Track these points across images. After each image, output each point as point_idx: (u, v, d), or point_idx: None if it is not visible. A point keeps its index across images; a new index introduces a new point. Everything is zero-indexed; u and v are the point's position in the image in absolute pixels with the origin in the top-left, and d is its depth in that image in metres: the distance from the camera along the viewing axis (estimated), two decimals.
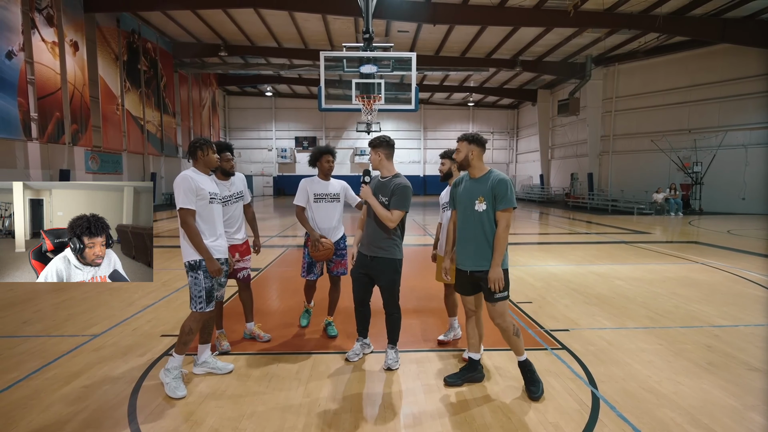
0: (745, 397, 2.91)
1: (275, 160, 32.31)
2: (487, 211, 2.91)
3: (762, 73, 16.33)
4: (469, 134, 3.04)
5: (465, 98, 30.83)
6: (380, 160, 3.35)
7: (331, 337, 4.02)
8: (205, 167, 3.16)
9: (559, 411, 2.75)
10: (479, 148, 3.01)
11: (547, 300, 5.20)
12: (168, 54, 20.54)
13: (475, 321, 3.18)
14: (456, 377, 3.15)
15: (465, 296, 3.14)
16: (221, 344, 3.69)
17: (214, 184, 3.24)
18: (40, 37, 12.59)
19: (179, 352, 3.01)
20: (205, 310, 3.03)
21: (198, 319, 3.05)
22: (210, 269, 3.00)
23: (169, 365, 2.99)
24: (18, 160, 12.50)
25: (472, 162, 3.01)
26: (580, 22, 15.73)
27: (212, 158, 3.15)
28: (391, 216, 3.20)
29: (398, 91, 12.57)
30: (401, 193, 3.23)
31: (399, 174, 3.36)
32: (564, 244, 10.05)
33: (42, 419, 2.66)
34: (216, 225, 3.15)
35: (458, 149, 3.07)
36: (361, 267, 3.40)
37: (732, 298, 5.28)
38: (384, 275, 3.32)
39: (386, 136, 3.43)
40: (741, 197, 17.35)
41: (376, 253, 3.30)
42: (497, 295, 2.89)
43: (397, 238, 3.33)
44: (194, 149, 3.11)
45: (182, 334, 3.02)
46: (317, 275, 4.08)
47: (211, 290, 3.05)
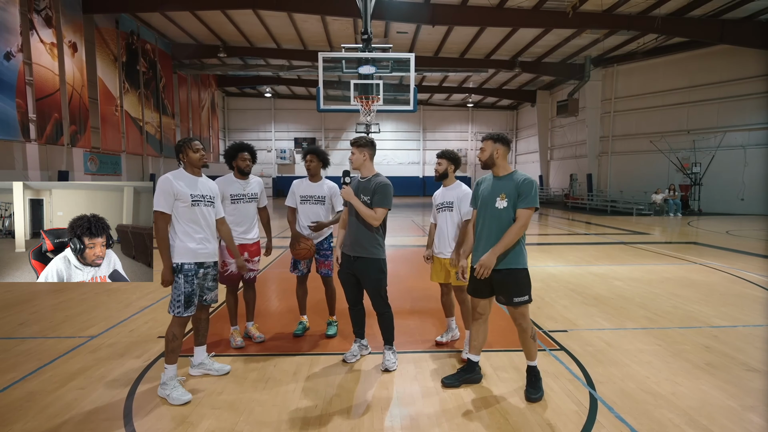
0: (743, 397, 2.90)
1: (274, 162, 32.31)
2: (507, 209, 2.90)
3: (761, 74, 16.35)
4: (494, 133, 3.03)
5: (464, 99, 30.84)
6: (365, 159, 3.36)
7: (329, 337, 4.02)
8: (192, 168, 3.06)
9: (557, 412, 2.74)
10: (504, 147, 3.00)
11: (546, 301, 5.20)
12: (167, 55, 20.53)
13: (482, 323, 3.15)
14: (454, 378, 3.14)
15: (478, 299, 3.09)
16: (235, 340, 3.80)
17: (204, 186, 3.09)
18: (39, 39, 12.57)
19: (170, 362, 2.93)
20: (183, 315, 2.93)
21: (179, 324, 2.96)
22: (162, 276, 2.90)
23: (163, 379, 2.92)
24: (17, 161, 12.48)
25: (497, 161, 2.99)
26: (579, 23, 15.75)
27: (193, 157, 3.03)
28: (374, 214, 3.21)
29: (397, 92, 12.59)
30: (382, 191, 3.24)
31: (379, 174, 3.39)
32: (563, 245, 10.04)
33: (38, 421, 2.64)
34: (202, 227, 3.01)
35: (483, 148, 3.03)
36: (347, 268, 3.41)
37: (730, 299, 5.27)
38: (368, 276, 3.32)
39: (369, 137, 3.47)
40: (740, 198, 17.37)
41: (360, 253, 3.31)
42: (516, 300, 2.89)
43: (380, 237, 3.34)
44: (176, 152, 3.06)
45: (167, 342, 2.94)
46: (302, 271, 4.10)
47: (191, 295, 2.95)
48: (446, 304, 3.91)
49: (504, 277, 2.91)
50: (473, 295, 3.12)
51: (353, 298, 3.49)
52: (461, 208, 3.58)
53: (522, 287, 2.90)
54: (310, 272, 4.14)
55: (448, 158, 3.68)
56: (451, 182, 3.73)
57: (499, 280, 2.93)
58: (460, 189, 3.66)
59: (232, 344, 3.80)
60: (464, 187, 3.67)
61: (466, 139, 33.43)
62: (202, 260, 3.02)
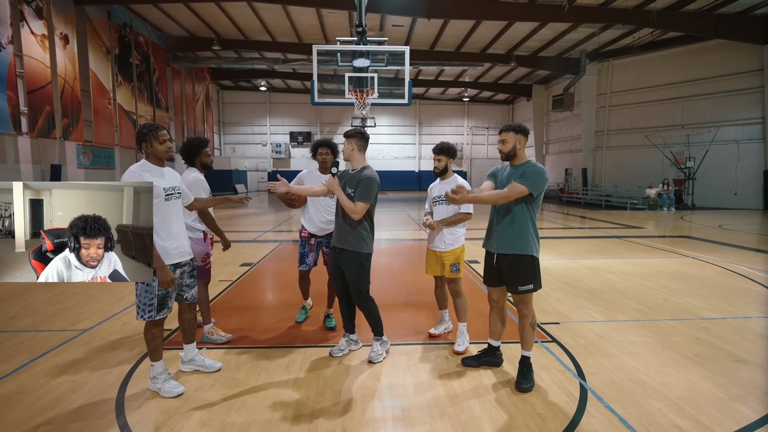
0: (730, 387, 2.94)
1: (270, 156, 32.17)
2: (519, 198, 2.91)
3: (755, 69, 16.42)
4: (515, 125, 3.01)
5: (460, 93, 30.80)
6: (353, 150, 3.33)
7: (329, 329, 4.04)
8: (156, 159, 2.84)
9: (548, 402, 2.77)
10: (525, 138, 3.03)
11: (539, 293, 5.19)
12: (160, 48, 20.33)
13: (498, 312, 3.24)
14: (474, 359, 3.27)
15: (489, 287, 3.19)
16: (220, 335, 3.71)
17: (171, 177, 2.91)
18: (30, 30, 12.41)
19: (155, 359, 2.89)
20: (155, 318, 2.79)
21: (155, 324, 2.83)
22: (160, 278, 2.72)
23: (153, 374, 2.89)
24: (8, 154, 12.36)
25: (519, 152, 3.01)
26: (574, 17, 15.74)
27: (158, 149, 2.81)
28: (354, 207, 3.18)
29: (392, 86, 12.57)
30: (365, 184, 3.19)
31: (368, 166, 3.33)
32: (557, 238, 10.09)
33: (29, 413, 2.64)
34: (173, 223, 2.85)
35: (505, 140, 3.00)
36: (334, 260, 3.43)
37: (721, 292, 5.32)
38: (349, 269, 3.30)
39: (361, 128, 3.46)
40: (733, 192, 17.49)
41: (343, 245, 3.31)
42: (521, 288, 2.93)
43: (364, 231, 3.28)
44: (138, 140, 2.82)
45: (148, 343, 2.86)
46: (309, 266, 4.07)
47: (164, 297, 2.80)
48: (440, 296, 3.92)
49: (510, 263, 2.95)
50: (486, 283, 3.22)
51: (341, 291, 3.48)
52: None
53: (528, 275, 2.93)
54: (316, 265, 4.11)
55: (447, 153, 3.65)
56: (450, 176, 3.73)
57: (506, 266, 2.97)
58: (458, 182, 3.62)
59: (219, 341, 3.68)
60: (461, 180, 3.65)
61: (462, 134, 33.42)
62: (178, 260, 2.89)
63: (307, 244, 4.04)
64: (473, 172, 33.03)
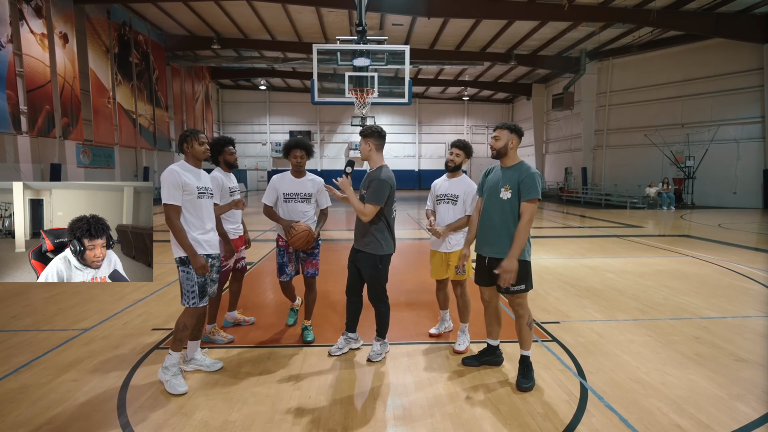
0: (730, 386, 2.95)
1: (269, 155, 32.18)
2: (512, 200, 2.92)
3: (754, 68, 16.43)
4: (510, 123, 3.02)
5: (460, 92, 30.79)
6: (370, 150, 3.30)
7: (307, 343, 3.73)
8: (194, 160, 3.07)
9: (548, 402, 2.77)
10: (518, 138, 3.02)
11: (539, 293, 5.23)
12: (160, 47, 20.31)
13: (492, 311, 3.23)
14: (474, 359, 3.26)
15: (481, 287, 3.18)
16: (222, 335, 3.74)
17: (206, 178, 3.13)
18: (29, 29, 12.40)
19: (175, 349, 2.96)
20: (198, 305, 2.97)
21: (192, 315, 2.98)
22: (194, 265, 2.90)
23: (166, 363, 2.94)
24: (8, 154, 12.35)
25: (510, 151, 3.00)
26: (574, 16, 15.75)
27: (197, 150, 3.04)
28: (363, 209, 3.15)
29: (392, 85, 12.56)
30: (376, 186, 3.15)
31: (383, 166, 3.26)
32: (557, 237, 10.10)
33: (30, 413, 2.64)
34: (204, 220, 3.03)
35: (497, 137, 3.01)
36: (352, 258, 3.43)
37: (721, 291, 5.33)
38: (365, 270, 3.32)
39: (378, 126, 3.39)
40: (732, 191, 17.51)
41: (359, 247, 3.31)
42: (513, 288, 2.92)
43: (378, 233, 3.23)
44: (180, 142, 3.07)
45: (177, 331, 2.97)
46: (290, 275, 3.82)
47: (204, 285, 2.98)
48: (441, 298, 3.91)
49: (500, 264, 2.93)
50: (477, 283, 3.20)
51: (351, 287, 3.45)
52: (466, 202, 3.56)
53: (519, 276, 2.91)
54: (298, 274, 3.88)
55: (466, 151, 3.61)
56: (458, 174, 3.70)
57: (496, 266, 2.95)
58: (467, 183, 3.61)
59: (221, 341, 3.70)
60: (471, 182, 3.63)
61: (462, 133, 33.39)
62: (209, 251, 3.04)
63: (286, 253, 3.78)
64: (473, 171, 33.02)
